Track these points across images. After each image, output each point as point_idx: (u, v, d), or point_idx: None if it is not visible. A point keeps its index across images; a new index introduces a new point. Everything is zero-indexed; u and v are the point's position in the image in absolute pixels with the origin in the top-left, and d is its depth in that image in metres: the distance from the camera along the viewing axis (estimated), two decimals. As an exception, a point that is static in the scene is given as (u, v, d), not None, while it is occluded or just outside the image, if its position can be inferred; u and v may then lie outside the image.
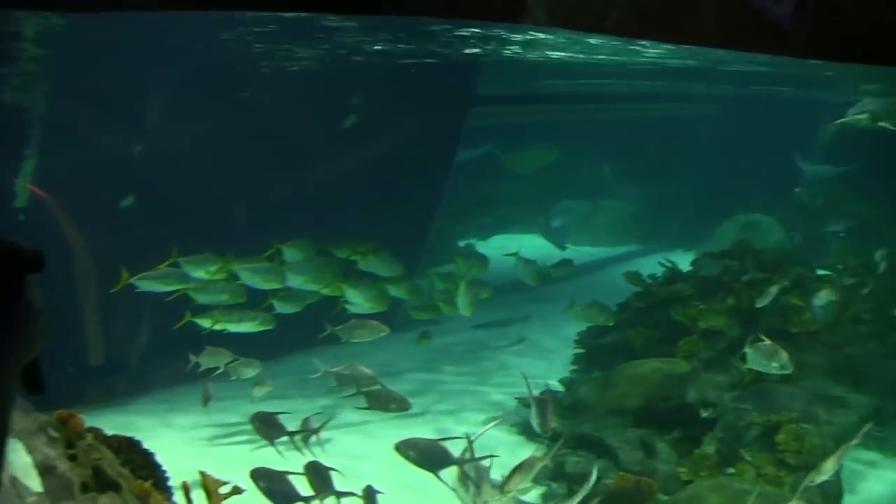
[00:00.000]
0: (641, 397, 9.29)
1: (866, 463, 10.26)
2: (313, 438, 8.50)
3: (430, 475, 6.87)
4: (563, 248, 20.06)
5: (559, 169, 20.36)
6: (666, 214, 22.34)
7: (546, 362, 12.83)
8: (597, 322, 11.61)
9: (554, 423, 7.58)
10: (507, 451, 8.97)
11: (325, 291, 10.36)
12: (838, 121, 15.15)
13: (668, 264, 13.09)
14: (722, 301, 11.91)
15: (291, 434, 8.39)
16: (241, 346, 9.73)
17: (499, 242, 19.74)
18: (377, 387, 8.42)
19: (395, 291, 11.23)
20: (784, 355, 8.56)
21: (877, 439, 10.70)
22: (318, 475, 6.93)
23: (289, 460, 7.81)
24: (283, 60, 12.33)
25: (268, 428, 8.89)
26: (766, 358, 8.72)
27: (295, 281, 10.19)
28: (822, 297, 11.10)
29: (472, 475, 6.82)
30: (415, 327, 12.65)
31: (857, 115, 15.22)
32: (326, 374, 8.95)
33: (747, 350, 8.81)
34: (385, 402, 8.31)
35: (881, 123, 14.79)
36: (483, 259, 12.46)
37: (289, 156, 12.14)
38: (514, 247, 13.34)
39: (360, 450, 9.39)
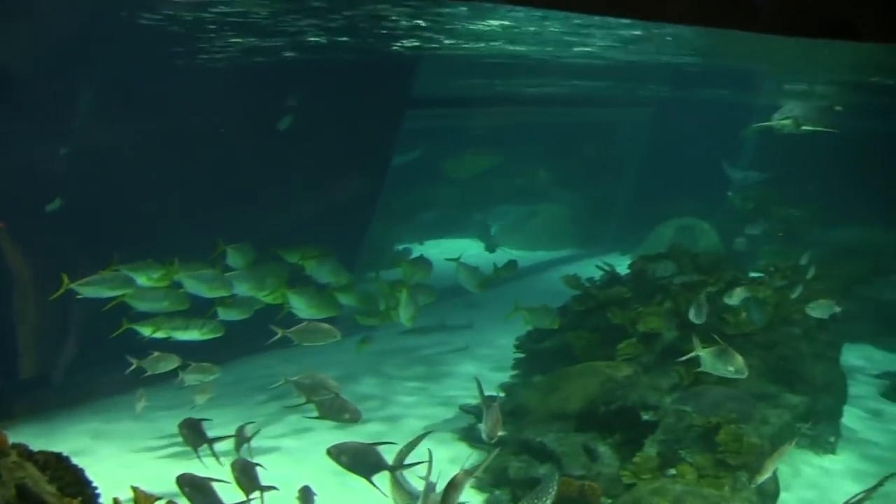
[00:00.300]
0: (583, 401, 9.22)
1: (800, 461, 10.43)
2: (245, 446, 8.30)
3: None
4: (492, 251, 20.07)
5: (496, 173, 20.41)
6: (602, 218, 22.54)
7: (486, 367, 12.71)
8: (542, 325, 11.49)
9: (501, 431, 7.42)
10: (448, 459, 8.87)
11: (269, 300, 10.09)
12: (761, 124, 15.35)
13: (606, 267, 13.08)
14: (660, 303, 11.97)
15: (213, 441, 8.26)
16: (186, 351, 9.41)
17: (435, 246, 19.67)
18: (331, 395, 8.16)
19: (343, 299, 11.02)
20: (739, 359, 8.54)
21: (809, 437, 10.95)
22: (245, 473, 6.91)
23: (210, 469, 7.55)
24: (212, 54, 11.95)
25: (194, 435, 8.68)
26: (721, 362, 8.70)
27: (241, 288, 9.91)
28: (738, 294, 11.24)
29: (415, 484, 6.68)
30: (355, 332, 12.40)
31: (782, 120, 15.47)
32: (287, 382, 8.63)
33: (701, 354, 8.77)
34: (338, 412, 8.03)
35: (805, 127, 15.06)
36: (427, 264, 12.28)
37: (219, 158, 11.80)
38: (451, 250, 13.25)
39: (301, 456, 9.19)
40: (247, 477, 6.83)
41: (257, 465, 7.06)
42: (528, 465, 8.11)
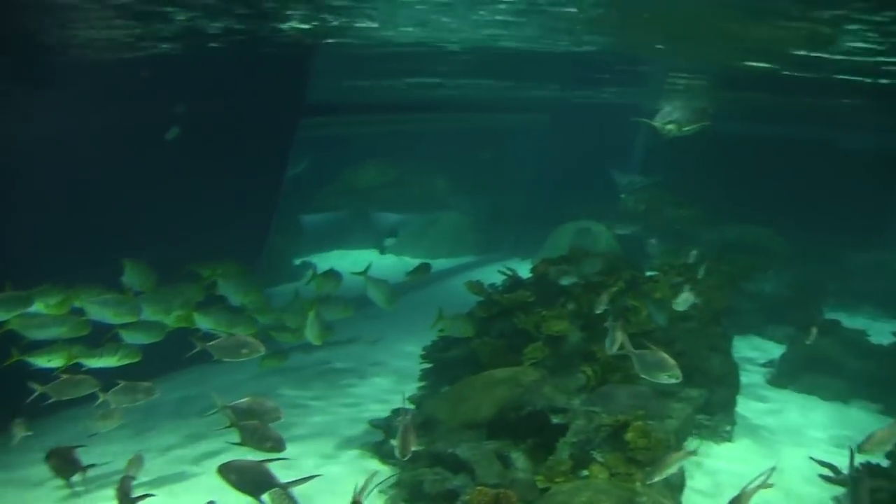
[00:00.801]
0: (493, 408, 9.24)
1: (701, 451, 10.77)
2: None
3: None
4: (382, 253, 20.08)
5: (394, 182, 20.36)
6: (501, 223, 22.76)
7: (393, 380, 12.64)
8: (460, 333, 11.44)
9: (415, 447, 7.36)
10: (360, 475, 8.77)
11: (176, 323, 9.72)
12: (648, 121, 15.81)
13: (509, 272, 13.20)
14: (563, 306, 12.15)
15: (87, 469, 8.07)
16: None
17: (335, 258, 19.48)
18: (254, 421, 7.86)
19: (261, 318, 10.74)
20: (672, 363, 8.69)
21: (707, 427, 11.36)
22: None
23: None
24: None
25: (65, 465, 8.34)
26: (654, 367, 8.85)
27: (147, 312, 9.52)
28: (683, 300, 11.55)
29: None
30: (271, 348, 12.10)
31: (666, 125, 15.89)
32: (224, 409, 8.19)
33: (634, 360, 8.91)
34: (260, 441, 7.74)
35: (686, 129, 15.50)
36: (338, 277, 12.04)
37: (105, 167, 11.07)
38: (355, 262, 13.06)
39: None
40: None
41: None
42: (442, 477, 8.04)
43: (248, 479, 6.70)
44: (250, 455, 7.40)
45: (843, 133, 25.01)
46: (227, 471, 6.78)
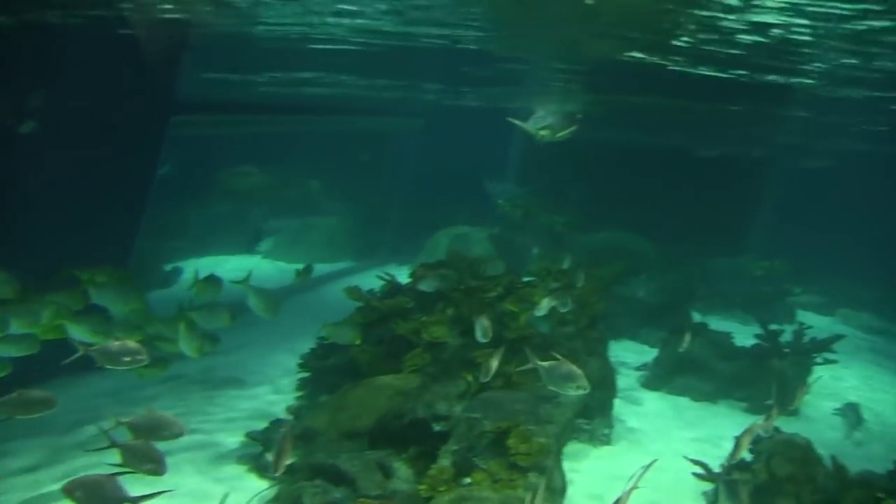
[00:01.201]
0: (373, 417, 9.04)
1: (581, 455, 10.90)
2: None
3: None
4: (251, 253, 19.48)
5: (270, 186, 19.78)
6: (377, 229, 22.51)
7: (273, 389, 12.19)
8: (347, 341, 11.13)
9: (289, 460, 7.01)
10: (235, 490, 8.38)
11: (45, 335, 8.99)
12: (523, 125, 15.94)
13: (388, 277, 13.00)
14: (442, 311, 12.03)
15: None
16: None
17: (209, 263, 18.73)
18: (139, 441, 7.25)
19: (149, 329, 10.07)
20: (580, 373, 8.58)
21: (586, 431, 11.50)
22: None
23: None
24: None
25: None
26: (562, 379, 8.75)
27: (15, 325, 8.77)
28: (544, 305, 11.55)
29: None
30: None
31: (540, 131, 16.02)
32: (119, 425, 7.52)
33: (542, 373, 8.76)
34: (141, 461, 7.13)
35: (559, 135, 15.70)
36: (218, 283, 11.46)
37: None
38: (227, 267, 12.54)
39: None
40: None
41: None
42: (322, 489, 7.74)
43: (95, 495, 6.24)
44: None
45: (704, 142, 26.12)
46: (72, 488, 6.30)
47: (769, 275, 21.26)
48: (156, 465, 7.07)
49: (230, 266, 13.47)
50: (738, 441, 8.88)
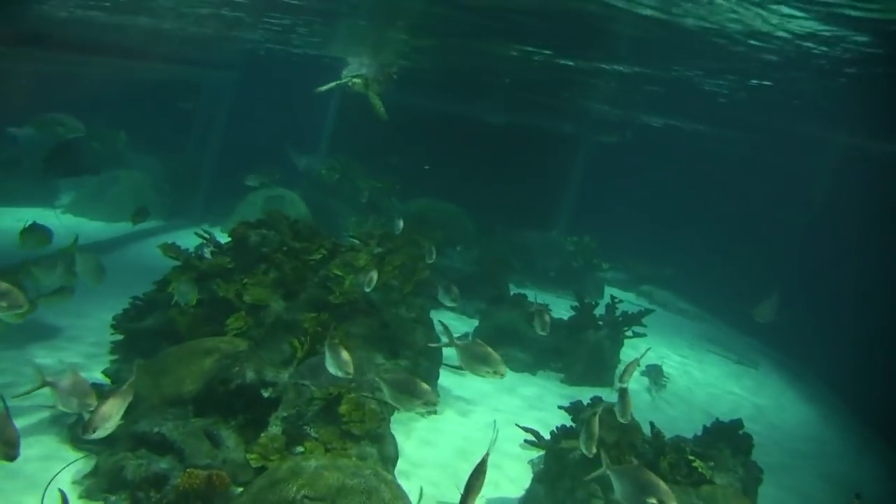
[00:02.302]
0: (199, 382, 8.43)
1: (412, 423, 10.85)
2: None
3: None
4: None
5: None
6: (187, 188, 21.29)
7: (79, 353, 11.15)
8: (188, 300, 10.35)
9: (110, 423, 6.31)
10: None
11: None
12: (332, 83, 15.52)
13: (206, 235, 12.29)
14: (265, 273, 11.54)
15: None
16: None
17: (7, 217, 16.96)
18: None
19: None
20: (498, 358, 8.19)
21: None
22: None
23: None
24: None
25: None
26: (479, 361, 8.37)
27: None
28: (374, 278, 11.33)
29: None
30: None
31: (353, 78, 15.67)
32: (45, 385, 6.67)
33: (459, 353, 8.36)
34: None
35: (372, 93, 15.48)
36: (47, 233, 10.26)
37: None
38: (19, 219, 11.25)
39: None
40: None
41: None
42: (147, 460, 7.16)
43: None
44: None
45: (509, 112, 26.75)
46: None
47: (578, 250, 22.13)
48: (8, 448, 6.03)
49: (24, 218, 12.06)
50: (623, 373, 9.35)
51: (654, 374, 14.85)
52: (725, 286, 21.52)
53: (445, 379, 12.45)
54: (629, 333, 14.77)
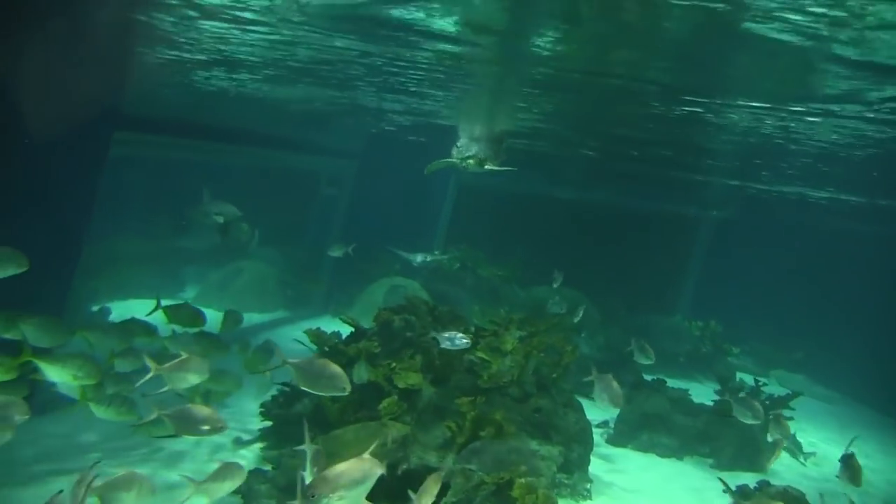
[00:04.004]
0: (367, 467, 8.10)
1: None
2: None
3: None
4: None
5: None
6: (309, 278, 21.41)
7: (231, 439, 10.98)
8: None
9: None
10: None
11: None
12: (443, 161, 15.40)
13: (349, 320, 12.20)
14: (412, 358, 11.30)
15: None
16: None
17: (136, 306, 17.20)
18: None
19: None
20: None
21: (567, 486, 10.88)
22: None
23: None
24: None
25: None
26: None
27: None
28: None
29: None
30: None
31: (466, 159, 15.50)
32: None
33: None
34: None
35: (489, 166, 15.26)
36: (197, 314, 10.29)
37: None
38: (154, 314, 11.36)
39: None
40: None
41: None
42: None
43: None
44: None
45: (639, 200, 26.39)
46: None
47: (705, 335, 21.34)
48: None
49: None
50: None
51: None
52: (869, 369, 20.30)
53: (596, 466, 11.84)
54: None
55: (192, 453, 10.37)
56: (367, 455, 6.27)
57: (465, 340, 10.53)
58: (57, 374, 8.20)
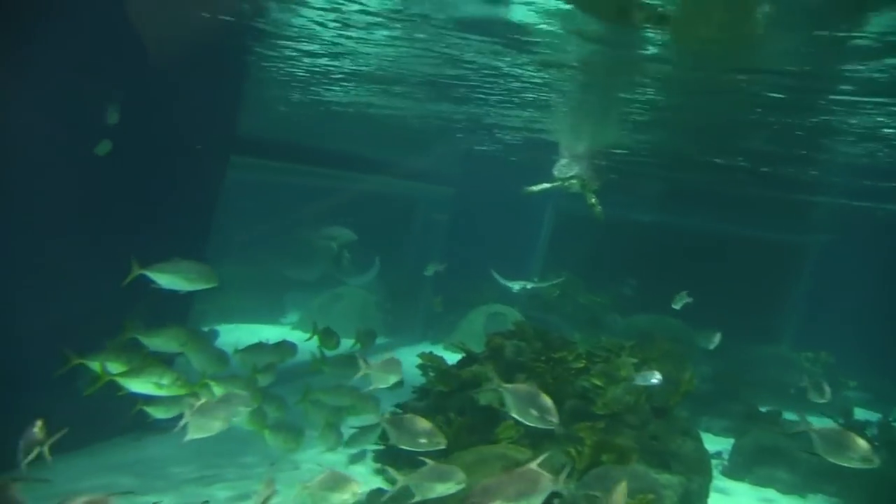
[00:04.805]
0: (493, 490, 7.90)
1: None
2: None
3: None
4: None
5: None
6: (407, 305, 21.42)
7: (343, 459, 10.98)
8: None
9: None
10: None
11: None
12: (547, 184, 15.07)
13: (461, 345, 12.15)
14: (525, 382, 11.08)
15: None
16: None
17: (244, 332, 17.49)
18: None
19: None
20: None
21: (688, 519, 10.45)
22: None
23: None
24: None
25: None
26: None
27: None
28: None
29: None
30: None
31: (569, 180, 15.17)
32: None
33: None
34: None
35: (590, 194, 14.91)
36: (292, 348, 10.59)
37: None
38: (262, 336, 11.51)
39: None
40: None
41: None
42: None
43: None
44: None
45: (741, 225, 25.61)
46: None
47: (815, 366, 20.46)
48: None
49: (265, 336, 12.27)
50: None
51: None
52: None
53: (715, 500, 11.36)
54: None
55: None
56: (533, 466, 6.02)
57: (658, 378, 10.69)
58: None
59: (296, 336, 17.76)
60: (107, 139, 9.02)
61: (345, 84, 14.18)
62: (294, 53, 12.15)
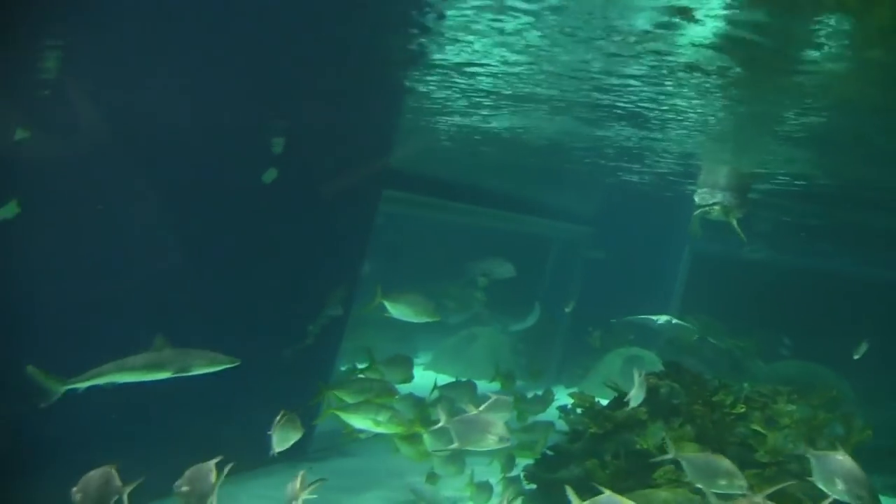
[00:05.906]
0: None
1: None
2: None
3: None
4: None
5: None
6: (542, 347, 21.05)
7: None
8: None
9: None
10: None
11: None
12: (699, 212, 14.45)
13: (613, 384, 11.80)
14: (682, 427, 10.70)
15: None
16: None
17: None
18: None
19: None
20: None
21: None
22: None
23: None
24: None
25: None
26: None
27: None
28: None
29: None
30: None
31: (712, 206, 14.44)
32: None
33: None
34: None
35: (733, 219, 14.15)
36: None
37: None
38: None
39: None
40: None
41: None
42: None
43: None
44: None
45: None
46: None
47: None
48: None
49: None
50: None
51: None
52: None
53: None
54: None
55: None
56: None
57: None
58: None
59: (428, 376, 17.81)
60: (273, 167, 9.24)
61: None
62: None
